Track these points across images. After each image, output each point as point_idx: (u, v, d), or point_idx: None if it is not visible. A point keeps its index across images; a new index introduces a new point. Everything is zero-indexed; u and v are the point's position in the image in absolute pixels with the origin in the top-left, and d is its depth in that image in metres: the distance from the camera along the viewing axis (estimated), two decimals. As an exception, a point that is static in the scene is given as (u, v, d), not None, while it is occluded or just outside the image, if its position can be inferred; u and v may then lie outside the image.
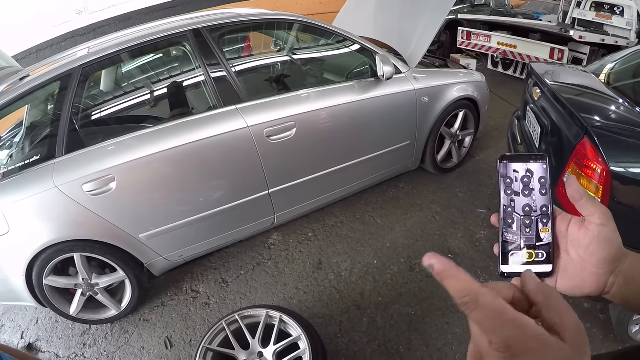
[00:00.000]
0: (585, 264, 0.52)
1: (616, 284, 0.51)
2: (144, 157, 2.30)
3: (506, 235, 0.57)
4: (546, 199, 0.56)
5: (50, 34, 7.32)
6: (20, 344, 2.60)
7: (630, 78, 2.66)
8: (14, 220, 2.15)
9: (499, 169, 0.57)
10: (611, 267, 0.51)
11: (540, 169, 0.56)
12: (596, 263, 0.51)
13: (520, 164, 0.57)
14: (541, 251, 0.55)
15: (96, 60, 2.39)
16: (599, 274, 0.51)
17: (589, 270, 0.52)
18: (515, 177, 0.57)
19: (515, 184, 0.57)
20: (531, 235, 0.56)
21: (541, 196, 0.56)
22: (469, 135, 3.93)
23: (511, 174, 0.57)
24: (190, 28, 2.57)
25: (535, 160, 0.57)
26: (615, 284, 0.51)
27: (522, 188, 0.57)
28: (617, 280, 0.51)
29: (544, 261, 0.55)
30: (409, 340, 2.35)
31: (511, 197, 0.57)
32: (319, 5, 8.71)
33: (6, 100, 2.27)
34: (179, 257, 2.71)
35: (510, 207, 0.57)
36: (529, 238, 0.56)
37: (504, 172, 0.57)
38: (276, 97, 2.73)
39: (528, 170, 0.57)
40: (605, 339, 2.29)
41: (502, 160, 0.58)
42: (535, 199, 0.56)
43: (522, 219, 0.56)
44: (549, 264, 0.55)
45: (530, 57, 6.32)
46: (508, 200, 0.57)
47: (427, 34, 3.39)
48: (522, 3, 12.29)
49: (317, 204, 3.20)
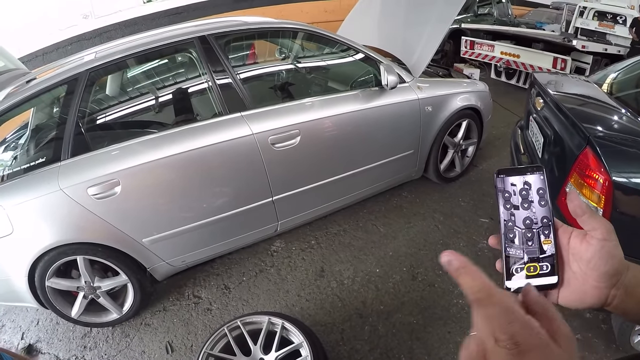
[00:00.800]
0: (587, 277, 0.53)
1: (617, 297, 0.52)
2: (149, 162, 2.31)
3: (508, 250, 0.56)
4: (546, 210, 0.56)
5: (56, 37, 7.38)
6: (20, 344, 2.60)
7: (633, 88, 2.67)
8: (18, 221, 2.16)
9: (496, 183, 0.57)
10: (613, 281, 0.51)
11: (538, 180, 0.56)
12: (598, 277, 0.51)
13: (518, 177, 0.57)
14: (545, 263, 0.55)
15: (103, 65, 2.41)
16: (601, 288, 0.52)
17: (590, 283, 0.52)
18: (513, 191, 0.56)
19: (514, 198, 0.56)
20: (534, 248, 0.55)
21: (541, 208, 0.56)
22: (472, 145, 3.94)
23: (509, 188, 0.57)
24: (197, 35, 2.59)
25: (532, 172, 0.57)
26: (617, 297, 0.52)
27: (521, 201, 0.56)
28: (618, 293, 0.51)
29: (549, 273, 0.55)
30: (411, 349, 2.34)
31: (511, 211, 0.56)
32: (324, 14, 8.77)
33: (13, 102, 2.29)
34: (182, 262, 2.72)
35: (511, 222, 0.56)
36: (532, 251, 0.55)
37: (502, 187, 0.57)
38: (281, 105, 2.74)
39: (526, 183, 0.56)
40: (607, 349, 2.27)
41: (499, 175, 0.57)
42: (535, 211, 0.56)
43: (523, 232, 0.56)
44: (554, 276, 0.54)
45: (533, 67, 6.34)
46: (508, 214, 0.56)
47: (430, 43, 3.42)
48: (525, 12, 12.34)
49: (320, 211, 3.21)
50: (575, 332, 2.37)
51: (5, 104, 2.29)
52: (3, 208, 2.12)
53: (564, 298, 0.55)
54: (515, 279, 0.56)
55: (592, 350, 2.27)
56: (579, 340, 2.32)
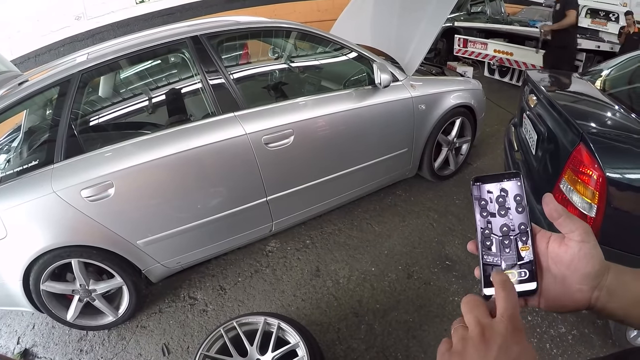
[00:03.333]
0: (568, 280, 0.53)
1: (600, 298, 0.52)
2: (142, 163, 2.30)
3: (486, 257, 0.56)
4: (523, 216, 0.56)
5: (49, 38, 7.34)
6: (16, 349, 2.58)
7: (626, 84, 2.68)
8: (12, 225, 2.14)
9: (472, 191, 0.57)
10: (594, 282, 0.52)
11: (515, 187, 0.56)
12: (579, 279, 0.52)
13: (494, 184, 0.57)
14: (523, 270, 0.55)
15: (95, 66, 2.40)
16: (583, 290, 0.52)
17: (571, 286, 0.53)
18: (490, 198, 0.57)
19: (490, 205, 0.57)
20: (511, 254, 0.56)
21: (518, 214, 0.56)
22: (465, 143, 3.95)
23: (485, 195, 0.57)
24: (189, 35, 2.58)
25: (509, 178, 0.57)
26: (600, 299, 0.52)
27: (498, 208, 0.56)
28: (600, 295, 0.52)
29: (527, 279, 0.54)
30: (407, 347, 2.35)
31: (487, 218, 0.56)
32: (317, 13, 8.77)
33: (5, 104, 2.26)
34: (177, 263, 2.71)
35: (488, 229, 0.56)
36: (510, 258, 0.56)
37: (478, 194, 0.57)
38: (274, 105, 2.74)
39: (502, 190, 0.56)
40: (603, 344, 2.29)
41: (476, 182, 0.57)
42: (512, 217, 0.56)
43: (500, 239, 0.56)
44: (533, 282, 0.54)
45: (527, 64, 6.37)
46: (484, 222, 0.56)
47: (424, 41, 3.42)
48: (518, 10, 12.37)
49: (314, 211, 3.21)
50: (572, 327, 2.38)
51: None
52: None
53: (546, 303, 0.55)
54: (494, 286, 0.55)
55: (588, 346, 2.28)
56: (576, 336, 2.33)
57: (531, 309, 2.47)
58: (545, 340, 2.32)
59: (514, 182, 0.56)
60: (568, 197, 2.07)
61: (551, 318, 2.43)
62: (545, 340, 2.32)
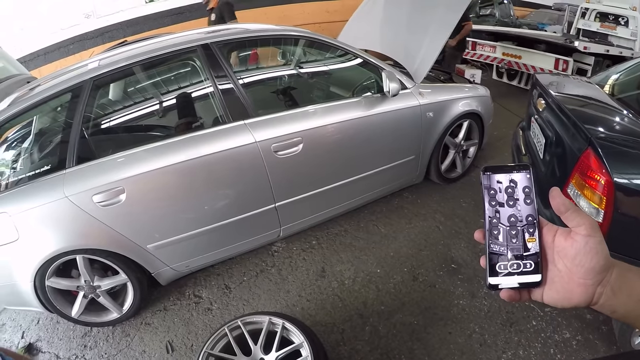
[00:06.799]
0: (573, 274, 0.53)
1: (604, 295, 0.52)
2: (153, 169, 2.32)
3: (492, 246, 0.57)
4: (531, 208, 0.56)
5: (58, 36, 7.41)
6: (20, 343, 2.60)
7: (635, 89, 2.66)
8: (24, 228, 2.16)
9: (482, 180, 0.58)
10: (598, 278, 0.52)
11: (524, 179, 0.57)
12: (583, 274, 0.52)
13: (504, 175, 0.57)
14: (529, 261, 0.55)
15: (107, 73, 2.42)
16: (587, 285, 0.52)
17: (576, 281, 0.53)
18: (499, 188, 0.57)
19: (499, 195, 0.57)
20: (518, 245, 0.56)
21: (526, 206, 0.56)
22: (473, 145, 3.94)
23: (495, 185, 0.57)
24: (200, 43, 2.60)
25: (519, 170, 0.57)
26: (603, 295, 0.52)
27: (507, 199, 0.57)
28: (604, 291, 0.52)
29: (532, 271, 0.55)
30: (411, 349, 2.34)
31: (496, 208, 0.57)
32: (326, 14, 8.76)
33: (17, 109, 2.30)
34: (186, 267, 2.73)
35: (495, 218, 0.57)
36: (516, 248, 0.56)
37: (488, 184, 0.57)
38: (283, 113, 2.75)
39: (512, 181, 0.57)
40: (608, 350, 2.27)
41: (485, 172, 0.58)
42: (520, 209, 0.56)
43: (507, 229, 0.56)
44: (538, 274, 0.55)
45: (535, 68, 6.33)
46: (493, 211, 0.57)
47: (432, 49, 3.41)
48: (527, 14, 12.33)
49: (322, 217, 3.22)
50: (577, 333, 2.36)
51: (10, 111, 2.31)
52: (9, 215, 2.13)
53: (550, 297, 0.55)
54: (499, 275, 0.56)
55: (593, 352, 2.26)
56: (580, 342, 2.31)
57: (535, 314, 2.47)
58: (550, 345, 2.31)
59: (524, 174, 0.57)
60: (575, 201, 2.06)
61: (556, 323, 2.42)
62: (550, 345, 2.31)
